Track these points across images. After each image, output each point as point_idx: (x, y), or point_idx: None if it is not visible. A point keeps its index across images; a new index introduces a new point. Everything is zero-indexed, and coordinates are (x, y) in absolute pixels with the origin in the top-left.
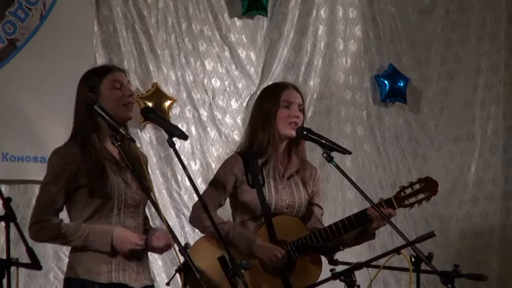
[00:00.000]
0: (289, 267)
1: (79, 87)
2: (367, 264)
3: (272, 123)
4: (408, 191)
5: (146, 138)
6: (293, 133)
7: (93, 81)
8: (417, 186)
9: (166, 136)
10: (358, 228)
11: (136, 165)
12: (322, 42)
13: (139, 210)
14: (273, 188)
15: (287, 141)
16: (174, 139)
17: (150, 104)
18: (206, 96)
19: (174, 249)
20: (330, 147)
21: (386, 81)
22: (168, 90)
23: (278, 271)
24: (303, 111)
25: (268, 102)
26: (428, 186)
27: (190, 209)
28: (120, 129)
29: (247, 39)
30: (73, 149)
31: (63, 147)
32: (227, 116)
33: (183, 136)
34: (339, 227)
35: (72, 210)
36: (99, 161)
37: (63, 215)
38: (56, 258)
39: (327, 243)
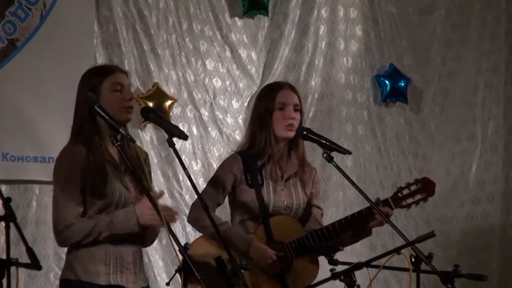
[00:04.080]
0: (286, 267)
1: (80, 86)
2: (367, 264)
3: (268, 125)
4: (405, 191)
5: (147, 138)
6: (290, 134)
7: (94, 81)
8: (414, 187)
9: (166, 136)
10: (356, 228)
11: (136, 167)
12: (323, 42)
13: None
14: (272, 189)
15: (286, 142)
16: (174, 139)
17: (150, 104)
18: (207, 96)
19: (174, 249)
20: (329, 147)
21: (387, 81)
22: (169, 90)
23: (275, 272)
24: (300, 111)
25: (264, 104)
26: (426, 187)
27: None
28: (120, 129)
29: (248, 39)
30: (77, 148)
31: (66, 148)
32: (228, 115)
33: (183, 136)
34: (336, 227)
35: None
36: (101, 162)
37: None
38: (56, 258)
39: (326, 243)
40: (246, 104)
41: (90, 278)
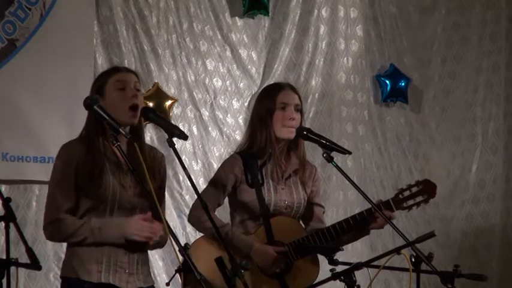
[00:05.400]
0: (286, 268)
1: (91, 89)
2: (367, 264)
3: (269, 125)
4: (406, 193)
5: (147, 138)
6: (290, 136)
7: (99, 81)
8: (415, 189)
9: (166, 136)
10: (356, 230)
11: (137, 167)
12: (324, 42)
13: (135, 213)
14: (272, 188)
15: (286, 141)
16: (174, 139)
17: (151, 104)
18: (208, 96)
19: (174, 249)
20: (330, 147)
21: (387, 81)
22: (170, 90)
23: (276, 272)
24: (300, 111)
25: (265, 104)
26: (427, 189)
27: None
28: (120, 129)
29: (249, 39)
30: (78, 146)
31: (65, 145)
32: (229, 115)
33: (183, 136)
34: (337, 229)
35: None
36: (99, 162)
37: None
38: (56, 258)
39: (327, 243)
40: (246, 104)
41: (85, 275)
